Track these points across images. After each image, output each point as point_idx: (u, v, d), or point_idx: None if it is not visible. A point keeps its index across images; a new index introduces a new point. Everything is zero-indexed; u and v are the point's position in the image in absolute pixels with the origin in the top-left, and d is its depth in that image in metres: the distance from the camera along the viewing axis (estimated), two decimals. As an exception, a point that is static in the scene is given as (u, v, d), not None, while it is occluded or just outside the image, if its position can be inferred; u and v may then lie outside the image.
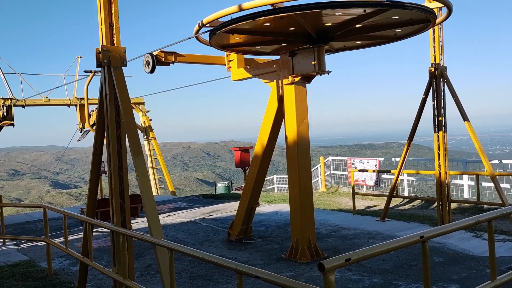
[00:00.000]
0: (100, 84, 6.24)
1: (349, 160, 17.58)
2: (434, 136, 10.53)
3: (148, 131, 22.90)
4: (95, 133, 6.64)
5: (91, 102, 20.17)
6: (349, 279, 7.23)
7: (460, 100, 10.42)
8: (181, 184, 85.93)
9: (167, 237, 10.79)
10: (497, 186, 10.29)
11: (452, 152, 73.09)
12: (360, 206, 13.99)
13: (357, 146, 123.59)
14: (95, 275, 7.93)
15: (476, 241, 8.98)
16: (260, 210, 13.71)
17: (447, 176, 10.57)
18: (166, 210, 14.99)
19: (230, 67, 10.70)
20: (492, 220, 4.38)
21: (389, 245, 3.61)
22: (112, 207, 6.07)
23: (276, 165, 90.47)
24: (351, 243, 9.46)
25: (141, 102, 22.70)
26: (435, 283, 6.78)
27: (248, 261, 8.49)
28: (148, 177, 5.94)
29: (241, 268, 3.78)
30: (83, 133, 21.01)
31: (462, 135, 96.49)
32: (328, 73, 8.34)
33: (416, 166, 17.87)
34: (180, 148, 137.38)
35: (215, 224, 12.23)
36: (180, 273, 7.97)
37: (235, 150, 16.21)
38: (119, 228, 5.87)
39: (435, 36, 10.33)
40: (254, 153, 10.15)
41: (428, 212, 12.69)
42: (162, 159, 23.35)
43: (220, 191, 22.55)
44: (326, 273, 3.09)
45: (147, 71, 10.08)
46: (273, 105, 9.48)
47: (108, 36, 6.06)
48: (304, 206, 8.54)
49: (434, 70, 10.39)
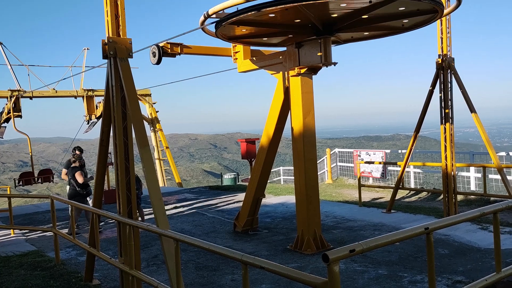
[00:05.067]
0: (107, 75, 6.25)
1: (355, 152, 17.54)
2: (441, 128, 10.47)
3: (154, 122, 22.95)
4: (102, 125, 6.67)
5: (98, 94, 20.25)
6: (354, 270, 7.25)
7: (467, 92, 10.34)
8: (188, 176, 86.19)
9: (174, 228, 10.86)
10: (504, 178, 10.24)
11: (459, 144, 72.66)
12: (366, 198, 13.98)
13: (364, 138, 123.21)
14: (102, 265, 8.02)
15: (482, 233, 8.96)
16: (266, 202, 13.75)
17: (454, 168, 10.52)
18: (173, 202, 15.07)
19: (236, 59, 10.67)
20: (498, 212, 4.36)
21: (394, 236, 3.62)
22: (118, 198, 6.11)
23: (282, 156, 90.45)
24: (357, 235, 9.47)
25: (147, 93, 22.73)
26: (441, 274, 6.79)
27: (254, 252, 8.54)
28: (154, 169, 5.97)
29: (246, 258, 3.80)
30: (90, 125, 21.11)
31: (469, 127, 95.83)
32: (335, 64, 8.30)
33: (423, 158, 17.81)
34: (186, 139, 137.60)
35: (221, 216, 12.29)
36: (186, 263, 8.04)
37: (241, 142, 16.21)
38: (126, 218, 5.92)
39: (442, 27, 10.23)
40: (260, 145, 10.16)
41: (435, 204, 12.66)
42: (168, 150, 23.42)
43: (227, 183, 22.61)
44: (330, 264, 3.10)
45: (154, 62, 10.08)
46: (279, 97, 9.46)
47: (114, 27, 6.06)
48: (310, 198, 8.55)
49: (442, 62, 10.30)
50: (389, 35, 9.04)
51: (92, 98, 20.93)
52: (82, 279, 7.29)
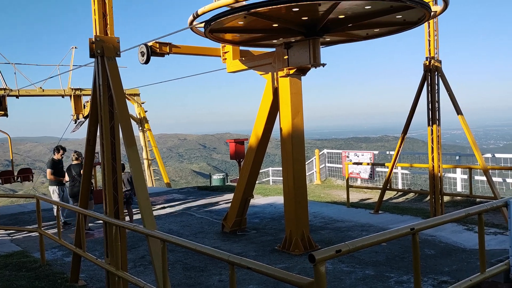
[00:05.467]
0: (94, 74, 6.20)
1: (344, 153, 17.63)
2: (428, 130, 10.57)
3: (143, 122, 22.82)
4: (89, 124, 6.62)
5: (85, 93, 20.08)
6: (341, 270, 7.28)
7: (454, 94, 10.45)
8: (177, 176, 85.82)
9: (162, 228, 10.81)
10: (489, 179, 10.36)
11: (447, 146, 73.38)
12: (354, 198, 14.05)
13: (352, 139, 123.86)
14: (88, 266, 7.94)
15: (468, 234, 9.06)
16: (255, 202, 13.75)
17: (440, 170, 10.62)
18: (161, 202, 14.99)
19: (226, 59, 10.66)
20: (483, 213, 4.42)
21: (380, 237, 3.64)
22: (105, 198, 6.06)
23: (272, 157, 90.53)
24: (345, 235, 9.51)
25: (136, 93, 22.60)
26: (427, 275, 6.85)
27: (242, 253, 8.53)
28: (142, 169, 5.93)
29: (232, 259, 3.79)
30: (77, 124, 20.91)
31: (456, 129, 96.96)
32: (323, 65, 8.32)
33: (410, 159, 17.95)
34: (175, 140, 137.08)
35: (210, 216, 12.26)
36: (174, 264, 8.00)
37: (230, 142, 16.19)
38: (112, 219, 5.87)
39: (430, 30, 10.33)
40: (249, 145, 10.15)
41: (422, 205, 12.77)
42: (157, 150, 23.30)
43: (215, 183, 22.57)
44: (317, 264, 3.11)
45: (142, 62, 10.03)
46: (268, 97, 9.46)
47: (102, 26, 6.02)
48: (298, 199, 8.56)
49: (429, 64, 10.40)
50: (381, 36, 9.07)
51: (80, 97, 20.74)
52: (68, 280, 7.21)
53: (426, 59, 10.46)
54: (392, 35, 8.93)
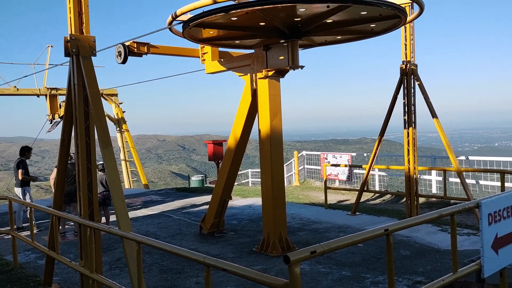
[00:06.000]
0: (69, 73, 6.10)
1: (323, 154, 17.77)
2: (404, 133, 10.74)
3: (121, 123, 22.56)
4: (63, 124, 6.50)
5: (61, 92, 19.74)
6: (318, 271, 7.32)
7: (429, 98, 10.65)
8: (155, 177, 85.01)
9: (138, 230, 10.68)
10: (463, 181, 10.59)
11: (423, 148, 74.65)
12: (332, 200, 14.17)
13: (331, 141, 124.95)
14: (63, 269, 7.79)
15: (442, 235, 9.23)
16: (233, 204, 13.72)
17: (416, 172, 10.81)
18: (138, 203, 14.83)
19: (204, 60, 10.62)
20: (455, 214, 4.49)
21: (354, 238, 3.67)
22: (79, 199, 5.96)
23: (251, 159, 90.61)
24: (322, 237, 9.57)
25: (114, 93, 22.33)
26: (402, 275, 6.95)
27: (220, 255, 8.50)
28: (117, 170, 5.85)
29: (208, 261, 3.77)
30: (53, 124, 20.54)
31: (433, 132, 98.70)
32: (302, 68, 8.37)
33: (388, 161, 18.22)
34: (154, 141, 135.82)
35: (188, 218, 12.18)
36: (150, 266, 7.92)
37: (208, 143, 16.14)
38: (87, 221, 5.78)
39: (406, 34, 10.50)
40: (227, 147, 10.13)
41: (398, 207, 12.96)
42: (135, 151, 23.06)
43: (194, 185, 22.44)
44: (292, 265, 3.11)
45: (119, 61, 9.91)
46: (247, 99, 9.46)
47: (77, 24, 5.92)
48: (276, 200, 8.58)
49: (405, 68, 10.57)
50: (362, 39, 9.16)
51: (56, 96, 20.39)
52: (41, 283, 7.06)
53: (402, 62, 10.63)
54: (371, 38, 9.05)
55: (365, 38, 9.11)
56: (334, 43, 9.62)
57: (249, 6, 6.41)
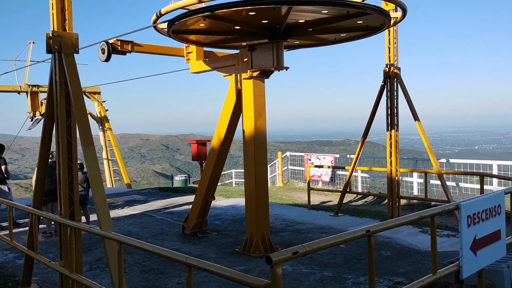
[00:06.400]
0: (50, 71, 6.01)
1: (306, 156, 17.85)
2: (387, 135, 10.86)
3: (103, 121, 22.32)
4: (44, 122, 6.40)
5: (43, 90, 19.45)
6: (300, 272, 7.35)
7: (412, 101, 10.78)
8: (138, 177, 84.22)
9: (120, 230, 10.58)
10: (443, 183, 10.75)
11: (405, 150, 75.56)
12: (316, 201, 14.24)
13: (315, 142, 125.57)
14: (42, 269, 7.67)
15: (423, 236, 9.35)
16: (217, 204, 13.69)
17: (398, 174, 10.93)
18: (120, 203, 14.68)
19: (189, 59, 10.56)
20: (435, 216, 4.56)
21: (336, 238, 3.70)
22: (60, 198, 5.88)
23: (235, 159, 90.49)
24: (305, 237, 9.61)
25: (97, 91, 22.08)
26: (383, 276, 7.02)
27: (202, 255, 8.47)
28: (99, 168, 5.79)
29: (190, 261, 3.76)
30: (34, 122, 20.22)
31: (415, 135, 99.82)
32: (286, 69, 8.39)
33: (371, 163, 18.39)
34: (138, 140, 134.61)
35: (170, 218, 12.11)
36: (132, 266, 7.85)
37: (191, 143, 16.07)
38: (67, 220, 5.70)
39: (390, 37, 10.62)
40: (211, 147, 10.10)
41: (380, 208, 13.09)
42: (117, 150, 22.84)
43: (177, 185, 22.31)
44: (273, 266, 3.12)
45: (102, 59, 9.80)
46: (231, 99, 9.45)
47: (60, 21, 5.84)
48: (260, 201, 8.59)
49: (388, 71, 10.69)
50: (349, 41, 9.18)
51: (37, 94, 20.08)
52: (20, 283, 6.94)
53: (386, 65, 10.75)
54: (356, 40, 9.11)
55: (350, 41, 9.17)
56: (320, 45, 9.67)
57: (234, 6, 6.40)
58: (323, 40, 9.14)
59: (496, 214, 4.98)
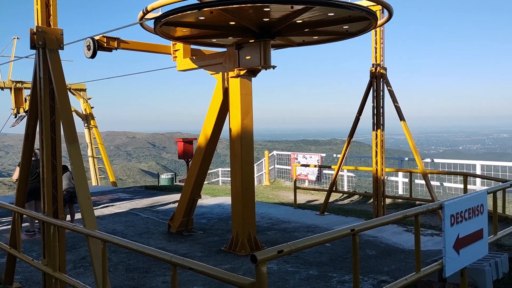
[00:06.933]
0: (34, 67, 5.92)
1: (293, 155, 17.89)
2: (373, 134, 10.94)
3: (89, 118, 22.08)
4: (28, 118, 6.31)
5: (27, 86, 19.17)
6: (286, 271, 7.37)
7: (398, 101, 10.88)
8: (124, 175, 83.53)
9: (105, 228, 10.49)
10: (427, 183, 10.87)
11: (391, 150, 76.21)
12: (302, 200, 14.29)
13: (302, 141, 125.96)
14: (25, 267, 7.56)
15: (407, 235, 9.45)
16: (203, 203, 13.64)
17: (383, 173, 11.02)
18: (106, 201, 14.55)
19: (176, 57, 10.51)
20: (419, 215, 4.61)
21: (321, 237, 3.72)
22: (43, 196, 5.80)
23: (222, 158, 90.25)
24: (290, 236, 9.63)
25: (82, 88, 21.82)
26: (367, 274, 7.07)
27: (188, 254, 8.44)
28: (83, 166, 5.72)
29: (175, 259, 3.74)
30: (18, 118, 19.93)
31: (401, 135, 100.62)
32: (274, 68, 8.39)
33: (357, 162, 18.51)
34: (124, 138, 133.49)
35: (156, 216, 12.04)
36: (116, 265, 7.78)
37: (178, 141, 15.98)
38: (50, 218, 5.63)
39: (376, 38, 10.70)
40: (198, 145, 10.06)
41: (365, 207, 13.18)
42: (103, 148, 22.63)
43: (164, 183, 22.20)
44: (258, 265, 3.12)
45: (88, 56, 9.70)
46: (218, 97, 9.43)
47: (44, 16, 5.76)
48: (246, 199, 8.59)
49: (375, 71, 10.77)
50: (337, 40, 9.22)
51: (21, 90, 19.78)
52: (1, 282, 6.83)
53: (372, 65, 10.82)
54: (343, 40, 9.16)
55: (337, 40, 9.21)
56: (308, 44, 9.69)
57: (221, 4, 6.38)
58: (311, 39, 9.17)
59: (478, 213, 5.06)
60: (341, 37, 9.02)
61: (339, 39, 9.15)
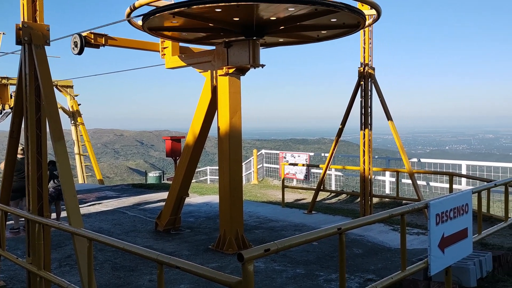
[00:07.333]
0: (20, 63, 5.85)
1: (281, 153, 17.91)
2: (360, 134, 11.00)
3: (76, 116, 21.86)
4: (13, 115, 6.23)
5: (13, 82, 18.91)
6: (273, 269, 7.38)
7: (385, 101, 10.95)
8: (112, 173, 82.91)
9: (91, 226, 10.41)
10: (414, 182, 10.97)
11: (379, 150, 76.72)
12: (290, 199, 14.32)
13: (291, 140, 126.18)
14: (9, 266, 7.46)
15: (393, 234, 9.53)
16: (191, 201, 13.60)
17: (371, 172, 11.10)
18: (92, 199, 14.42)
19: (164, 54, 10.44)
20: (405, 214, 4.65)
21: (307, 236, 3.73)
22: (28, 194, 5.73)
23: (211, 156, 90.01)
24: (278, 235, 9.65)
25: (69, 85, 21.59)
26: (354, 273, 7.12)
27: (175, 252, 8.41)
28: (69, 164, 5.66)
29: (161, 258, 3.72)
30: (3, 115, 19.65)
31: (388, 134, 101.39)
32: (262, 66, 8.39)
33: (345, 161, 18.60)
34: (111, 135, 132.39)
35: (143, 214, 11.97)
36: (102, 264, 7.72)
37: (166, 139, 15.90)
38: (35, 216, 5.56)
39: (365, 38, 10.75)
40: (186, 143, 10.03)
41: (353, 206, 13.26)
42: (90, 145, 22.42)
43: (151, 181, 22.07)
44: (245, 263, 3.12)
45: (75, 52, 9.59)
46: (206, 96, 9.40)
47: (30, 12, 5.68)
48: (234, 198, 8.58)
49: (363, 71, 10.82)
50: (326, 40, 9.25)
51: (6, 86, 19.50)
52: (-16, 281, 6.74)
53: (360, 65, 10.88)
54: (332, 40, 9.18)
55: (326, 40, 9.24)
56: (296, 44, 9.71)
57: (209, 2, 6.35)
58: (300, 38, 9.18)
59: (463, 212, 5.12)
60: (329, 38, 9.05)
61: (327, 40, 9.18)
